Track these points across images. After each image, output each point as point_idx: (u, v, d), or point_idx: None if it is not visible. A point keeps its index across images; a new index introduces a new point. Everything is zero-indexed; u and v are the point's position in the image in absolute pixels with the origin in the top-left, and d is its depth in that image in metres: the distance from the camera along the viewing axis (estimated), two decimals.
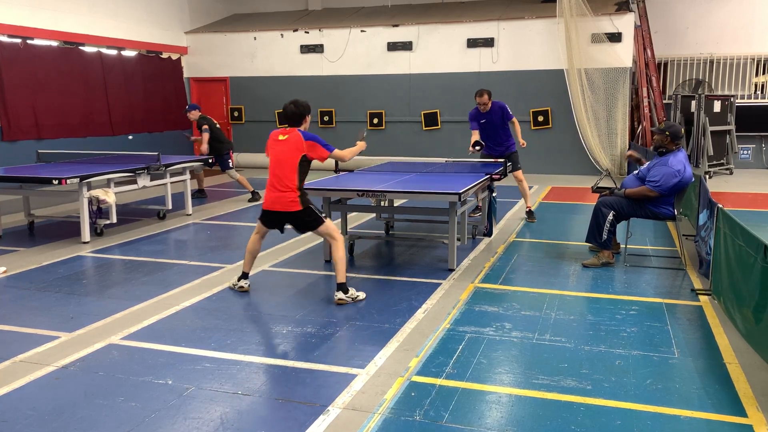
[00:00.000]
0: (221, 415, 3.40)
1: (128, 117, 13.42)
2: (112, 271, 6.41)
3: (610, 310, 5.02)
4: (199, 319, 4.90)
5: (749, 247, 4.16)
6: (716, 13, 14.23)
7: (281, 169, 5.18)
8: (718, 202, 5.37)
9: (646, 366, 3.97)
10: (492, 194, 7.34)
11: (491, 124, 8.31)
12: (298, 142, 5.19)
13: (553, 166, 13.43)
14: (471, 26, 13.67)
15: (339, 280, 5.25)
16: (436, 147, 13.98)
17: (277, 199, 5.19)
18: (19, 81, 10.89)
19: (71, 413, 3.42)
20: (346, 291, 5.24)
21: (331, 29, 14.53)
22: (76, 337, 4.51)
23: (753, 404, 3.47)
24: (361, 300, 5.29)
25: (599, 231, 6.17)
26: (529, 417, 3.36)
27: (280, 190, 5.17)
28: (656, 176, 5.98)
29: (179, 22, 15.14)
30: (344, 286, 5.24)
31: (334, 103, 14.73)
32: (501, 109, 8.29)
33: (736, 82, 14.36)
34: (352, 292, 5.26)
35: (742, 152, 14.21)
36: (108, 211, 7.64)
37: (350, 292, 5.26)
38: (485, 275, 6.01)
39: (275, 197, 5.21)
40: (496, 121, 8.29)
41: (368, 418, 3.35)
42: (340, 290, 5.22)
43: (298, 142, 5.19)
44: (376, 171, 7.78)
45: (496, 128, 8.31)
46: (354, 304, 5.20)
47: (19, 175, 7.48)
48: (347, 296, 5.22)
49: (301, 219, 5.27)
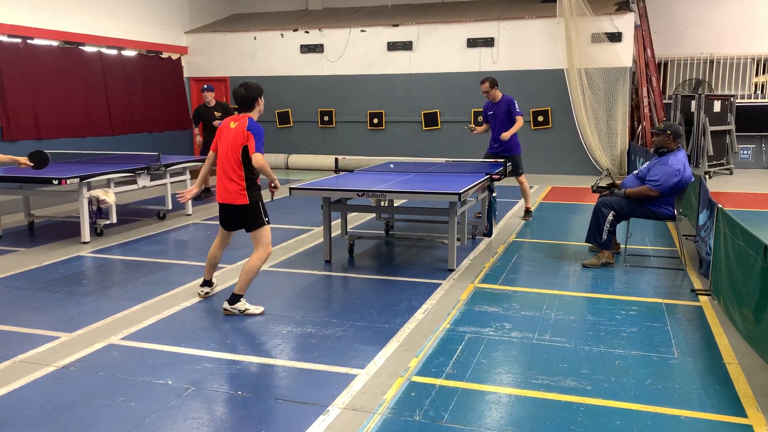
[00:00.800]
0: (221, 415, 3.41)
1: (128, 117, 13.42)
2: (112, 271, 6.41)
3: (610, 310, 5.02)
4: (199, 319, 4.90)
5: (749, 247, 4.16)
6: (716, 13, 14.23)
7: (226, 159, 4.86)
8: (718, 202, 5.37)
9: (646, 366, 3.97)
10: (492, 194, 7.34)
11: (496, 118, 8.17)
12: (242, 131, 4.80)
13: (553, 166, 13.43)
14: (471, 26, 13.67)
15: (236, 290, 4.96)
16: (436, 147, 13.98)
17: (227, 191, 4.89)
18: (19, 81, 10.89)
19: (71, 413, 3.42)
20: (235, 302, 4.95)
21: (331, 29, 14.53)
22: (76, 337, 4.51)
23: (753, 404, 3.47)
24: (253, 314, 4.94)
25: (599, 231, 6.17)
26: (529, 417, 3.36)
27: (228, 181, 4.87)
28: (656, 176, 5.98)
29: (179, 22, 15.14)
30: (237, 297, 4.95)
31: (334, 103, 14.73)
32: (507, 103, 8.11)
33: (736, 82, 14.36)
34: (241, 305, 4.95)
35: (742, 152, 14.21)
36: (108, 211, 7.64)
37: (240, 304, 4.94)
38: (485, 275, 6.01)
39: (223, 188, 4.91)
40: (501, 115, 8.13)
41: (368, 418, 3.35)
42: (229, 300, 4.96)
43: (242, 131, 4.79)
44: (376, 171, 7.78)
45: (500, 123, 8.15)
46: (353, 304, 5.19)
47: (19, 175, 7.48)
48: (233, 307, 4.95)
49: (248, 213, 4.93)
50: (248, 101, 4.91)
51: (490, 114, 8.23)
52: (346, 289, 5.73)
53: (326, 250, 6.55)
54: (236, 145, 4.82)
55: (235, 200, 4.90)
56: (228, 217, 5.10)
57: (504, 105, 8.13)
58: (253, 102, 4.92)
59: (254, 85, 4.95)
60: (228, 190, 4.90)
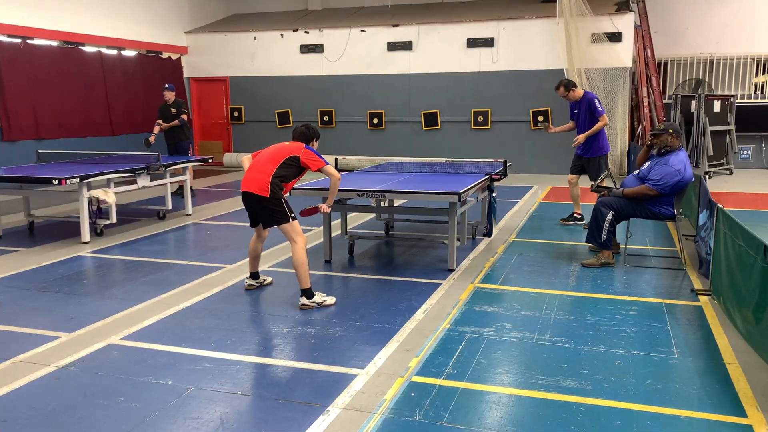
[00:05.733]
0: (221, 416, 3.40)
1: (128, 117, 13.42)
2: (112, 271, 6.41)
3: (610, 310, 5.02)
4: (199, 319, 4.90)
5: (749, 247, 4.16)
6: (716, 13, 14.23)
7: (268, 157, 5.20)
8: (718, 202, 5.37)
9: (646, 366, 3.97)
10: (492, 194, 7.34)
11: (578, 118, 7.91)
12: (297, 147, 5.25)
13: (553, 166, 13.42)
14: (471, 26, 13.67)
15: (302, 286, 5.12)
16: (436, 147, 13.98)
17: (252, 180, 5.14)
18: (19, 81, 10.89)
19: (71, 413, 3.42)
20: (311, 296, 5.12)
21: (331, 29, 14.53)
22: (75, 338, 4.51)
23: (753, 404, 3.47)
24: (329, 305, 5.14)
25: (599, 231, 6.17)
26: (529, 417, 3.36)
27: (256, 172, 5.15)
28: (657, 175, 5.98)
29: (179, 22, 15.14)
30: (309, 291, 5.12)
31: (334, 103, 14.73)
32: (588, 102, 7.81)
33: (736, 82, 14.36)
34: (317, 298, 5.13)
35: (742, 152, 14.21)
36: (108, 211, 7.64)
37: (316, 297, 5.13)
38: (485, 275, 6.01)
39: (250, 178, 5.16)
40: (582, 115, 7.85)
41: (368, 418, 3.35)
42: (304, 296, 5.12)
43: (298, 147, 5.25)
44: (376, 171, 7.78)
45: (581, 124, 7.88)
46: (353, 304, 5.20)
47: (19, 175, 7.48)
48: (311, 301, 5.11)
49: (266, 208, 5.13)
50: (304, 138, 5.39)
51: (575, 112, 7.96)
52: (346, 289, 5.73)
53: (326, 250, 6.55)
54: (285, 152, 5.21)
55: (256, 189, 5.11)
56: (248, 206, 5.29)
57: (585, 104, 7.84)
58: (308, 140, 5.40)
59: (314, 129, 5.49)
60: (254, 178, 5.15)
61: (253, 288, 5.63)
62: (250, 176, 5.18)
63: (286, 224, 5.16)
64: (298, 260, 5.10)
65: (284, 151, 5.21)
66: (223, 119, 15.69)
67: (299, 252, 5.11)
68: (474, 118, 13.77)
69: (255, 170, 5.18)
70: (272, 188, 5.08)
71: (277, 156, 5.19)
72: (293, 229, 5.18)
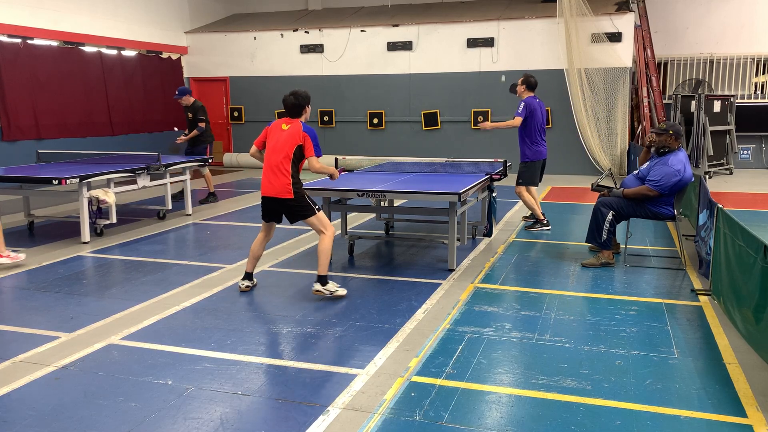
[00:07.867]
0: (221, 415, 3.40)
1: (128, 117, 13.43)
2: (112, 271, 6.41)
3: (610, 310, 5.02)
4: (199, 319, 4.90)
5: (749, 247, 4.16)
6: (716, 13, 14.23)
7: (276, 155, 5.22)
8: (718, 202, 5.37)
9: (645, 366, 3.97)
10: (492, 194, 7.34)
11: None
12: (297, 133, 5.24)
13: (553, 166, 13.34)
14: (471, 26, 13.67)
15: (319, 272, 5.30)
16: (436, 147, 13.98)
17: (272, 185, 5.23)
18: (19, 81, 10.90)
19: (71, 413, 3.42)
20: (325, 283, 5.30)
21: (331, 29, 14.53)
22: (76, 337, 4.51)
23: (753, 404, 3.47)
24: (340, 296, 5.31)
25: (599, 231, 6.17)
26: (529, 417, 3.36)
27: (275, 175, 5.22)
28: (657, 175, 5.98)
29: (179, 22, 15.15)
30: (324, 279, 5.30)
31: (334, 103, 14.73)
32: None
33: (736, 82, 14.36)
34: (331, 286, 5.30)
35: (742, 152, 14.21)
36: (108, 211, 7.64)
37: (329, 285, 5.30)
38: (485, 275, 6.01)
39: (269, 182, 5.25)
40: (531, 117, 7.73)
41: (368, 418, 3.35)
42: (319, 282, 5.29)
43: (298, 133, 5.24)
44: (376, 171, 7.78)
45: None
46: (353, 304, 5.20)
47: (19, 175, 7.48)
48: (325, 288, 5.28)
49: (292, 208, 5.28)
50: (297, 108, 5.34)
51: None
52: (346, 289, 5.73)
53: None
54: (290, 144, 5.20)
55: (280, 193, 5.21)
56: (270, 209, 5.37)
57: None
58: (301, 110, 5.36)
59: (303, 94, 5.38)
60: (273, 184, 5.22)
61: (249, 289, 5.64)
62: (268, 181, 5.25)
63: (312, 217, 5.30)
64: (324, 248, 5.27)
65: (291, 141, 5.21)
66: (223, 119, 15.69)
67: (326, 241, 5.29)
68: (474, 118, 13.77)
69: (270, 173, 5.23)
70: (295, 188, 5.21)
71: (286, 148, 5.20)
72: (320, 222, 5.33)
